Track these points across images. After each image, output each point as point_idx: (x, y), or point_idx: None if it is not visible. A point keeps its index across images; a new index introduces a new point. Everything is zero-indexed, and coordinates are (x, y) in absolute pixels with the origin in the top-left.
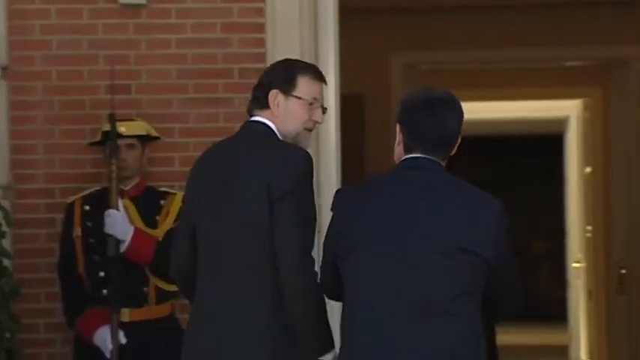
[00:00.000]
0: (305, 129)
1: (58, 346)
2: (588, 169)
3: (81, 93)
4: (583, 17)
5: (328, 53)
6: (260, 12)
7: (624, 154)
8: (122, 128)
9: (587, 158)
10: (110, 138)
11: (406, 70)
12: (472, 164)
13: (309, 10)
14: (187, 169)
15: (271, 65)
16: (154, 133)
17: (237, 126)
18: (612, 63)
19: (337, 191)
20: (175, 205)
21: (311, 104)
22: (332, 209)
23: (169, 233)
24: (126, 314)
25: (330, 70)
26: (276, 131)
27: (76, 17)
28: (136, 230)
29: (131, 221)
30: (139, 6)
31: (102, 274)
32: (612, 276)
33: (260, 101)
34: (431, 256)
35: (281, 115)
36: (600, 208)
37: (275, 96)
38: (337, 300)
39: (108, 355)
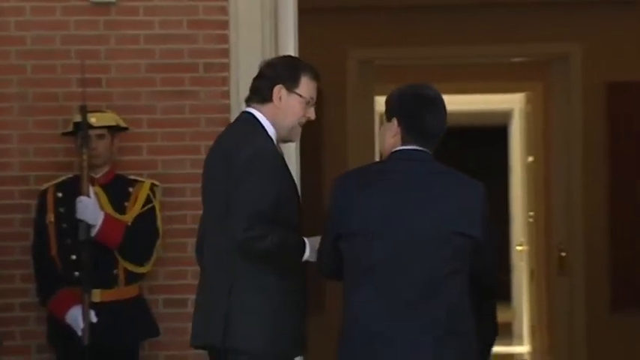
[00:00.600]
0: (298, 124)
1: (32, 325)
2: (530, 159)
3: (54, 86)
4: (526, 16)
5: (288, 49)
6: (224, 10)
7: (563, 145)
8: (93, 119)
9: (529, 148)
10: (81, 128)
11: (361, 66)
12: None
13: (270, 9)
14: (155, 157)
15: (274, 60)
16: (122, 124)
17: (203, 117)
18: (553, 59)
19: (339, 177)
20: (143, 192)
21: (307, 102)
22: (334, 194)
23: (138, 219)
24: (96, 295)
25: None
26: (263, 123)
27: (49, 14)
28: (106, 216)
29: (101, 207)
30: (108, 4)
31: (74, 257)
32: (553, 258)
33: (262, 93)
34: (430, 239)
35: (282, 109)
36: (541, 195)
37: (279, 90)
38: (334, 277)
39: (79, 334)
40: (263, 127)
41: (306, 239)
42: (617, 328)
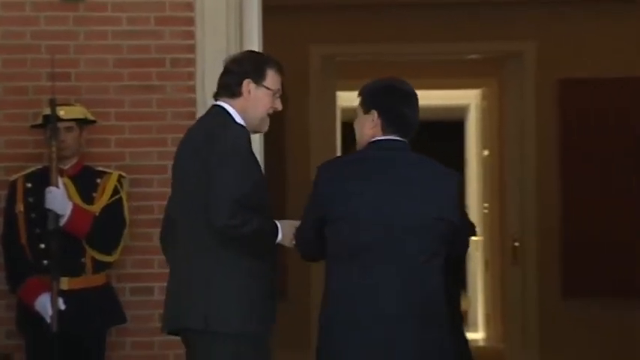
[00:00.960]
0: (267, 115)
1: (2, 311)
2: (486, 152)
3: (24, 80)
4: (482, 15)
5: (252, 46)
6: (190, 6)
7: (517, 139)
8: (62, 112)
9: (484, 142)
10: (51, 121)
11: (323, 62)
12: None
13: (235, 6)
14: (123, 150)
15: (239, 56)
16: (91, 117)
17: (169, 111)
18: (507, 56)
19: (323, 165)
20: (111, 183)
21: (274, 94)
22: (319, 181)
23: (105, 209)
24: (65, 283)
25: None
26: (234, 116)
27: (20, 10)
28: (74, 206)
29: (70, 197)
30: (77, 0)
31: (42, 245)
32: (506, 248)
33: (231, 89)
34: (414, 225)
35: (251, 102)
36: (496, 188)
37: (248, 84)
38: (314, 260)
39: (48, 320)
40: (234, 119)
41: (278, 223)
42: (568, 315)
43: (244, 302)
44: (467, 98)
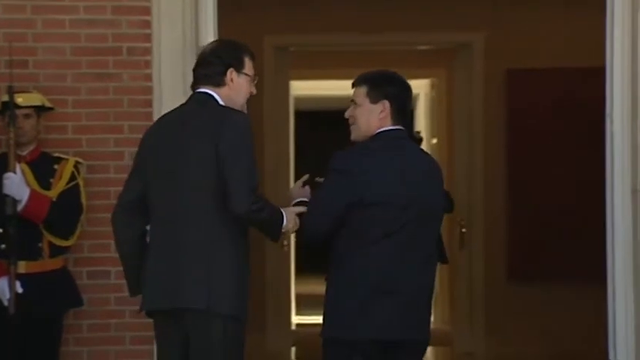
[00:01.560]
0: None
1: None
2: (434, 141)
3: None
4: (432, 7)
5: (208, 35)
6: None
7: (465, 128)
8: (19, 99)
9: (433, 131)
10: (9, 108)
11: (277, 52)
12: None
13: None
14: (80, 136)
15: (217, 47)
16: (48, 104)
17: (126, 98)
18: (456, 47)
19: (342, 153)
20: (68, 169)
21: (252, 80)
22: (342, 167)
23: (62, 194)
24: (22, 266)
25: None
26: (219, 100)
27: None
28: (32, 192)
29: (27, 183)
30: None
31: (0, 230)
32: (455, 233)
33: (214, 79)
34: (431, 210)
35: (234, 90)
36: (445, 175)
37: (231, 73)
38: (317, 243)
39: (6, 303)
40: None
41: (282, 210)
42: (513, 298)
43: (242, 285)
44: (416, 88)
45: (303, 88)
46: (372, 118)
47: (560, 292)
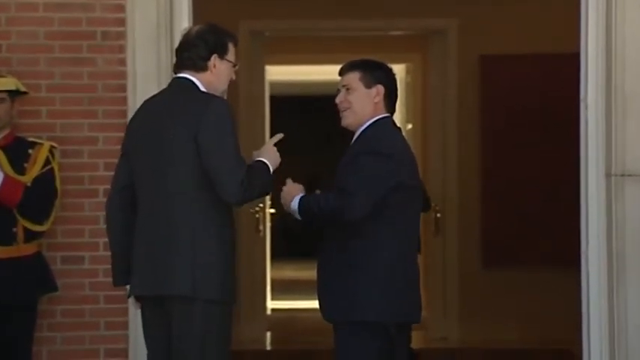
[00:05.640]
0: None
1: None
2: (409, 126)
3: None
4: None
5: (182, 20)
6: None
7: (440, 113)
8: None
9: (408, 116)
10: None
11: (252, 37)
12: (309, 122)
13: None
14: (54, 121)
15: (201, 31)
16: (22, 89)
17: (100, 83)
18: (431, 33)
19: (385, 142)
20: (42, 153)
21: (234, 66)
22: (386, 151)
23: (37, 179)
24: None
25: None
26: (199, 86)
27: None
28: (6, 176)
29: (1, 168)
30: None
31: None
32: (429, 220)
33: (196, 64)
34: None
35: (216, 76)
36: (419, 161)
37: (215, 59)
38: (357, 219)
39: None
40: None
41: (260, 158)
42: (486, 284)
43: (228, 271)
44: None
45: (278, 72)
46: (367, 102)
47: (535, 277)
